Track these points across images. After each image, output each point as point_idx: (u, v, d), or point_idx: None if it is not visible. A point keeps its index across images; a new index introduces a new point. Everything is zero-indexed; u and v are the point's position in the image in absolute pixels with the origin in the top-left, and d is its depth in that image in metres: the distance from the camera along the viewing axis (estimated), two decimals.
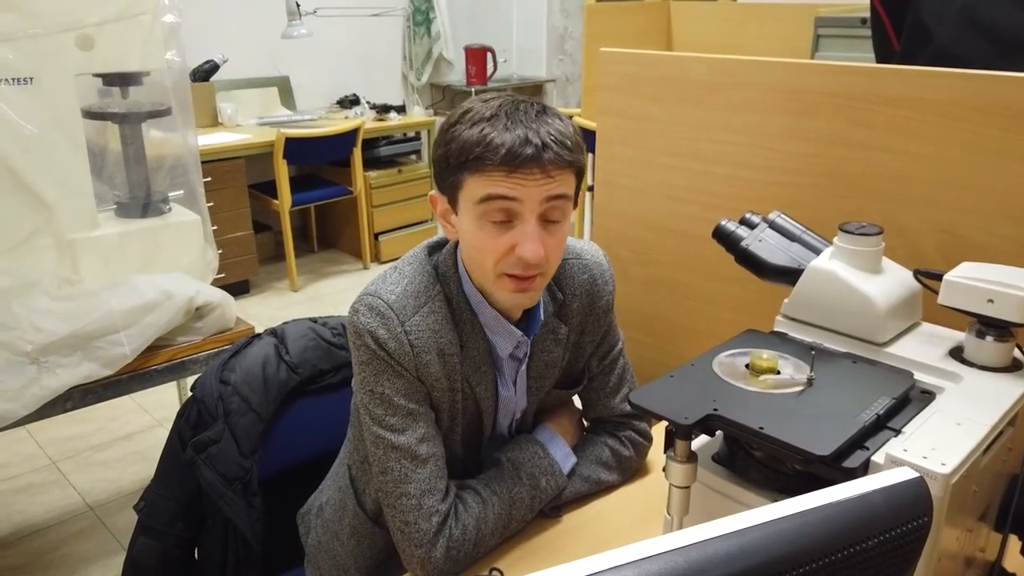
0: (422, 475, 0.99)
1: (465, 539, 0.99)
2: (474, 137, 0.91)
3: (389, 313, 0.98)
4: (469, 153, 0.91)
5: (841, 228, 0.95)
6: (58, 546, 2.19)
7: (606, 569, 0.40)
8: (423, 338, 0.99)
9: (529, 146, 0.89)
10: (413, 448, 0.99)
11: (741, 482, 0.83)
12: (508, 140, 0.89)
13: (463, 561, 1.00)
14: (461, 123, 0.93)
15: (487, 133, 0.90)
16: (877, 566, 0.48)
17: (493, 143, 0.89)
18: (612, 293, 1.16)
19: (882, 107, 1.18)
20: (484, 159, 0.90)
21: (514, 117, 0.91)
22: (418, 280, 1.02)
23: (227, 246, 3.62)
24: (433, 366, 1.00)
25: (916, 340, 0.95)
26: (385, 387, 0.99)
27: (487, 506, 1.02)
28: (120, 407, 2.83)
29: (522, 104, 0.93)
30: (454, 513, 1.00)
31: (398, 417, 0.99)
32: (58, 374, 1.67)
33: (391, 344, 0.97)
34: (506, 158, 0.89)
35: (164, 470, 1.26)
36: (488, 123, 0.91)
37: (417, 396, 1.00)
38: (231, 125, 4.10)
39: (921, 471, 0.62)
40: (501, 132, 0.90)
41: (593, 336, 1.15)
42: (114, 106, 2.02)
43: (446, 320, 1.02)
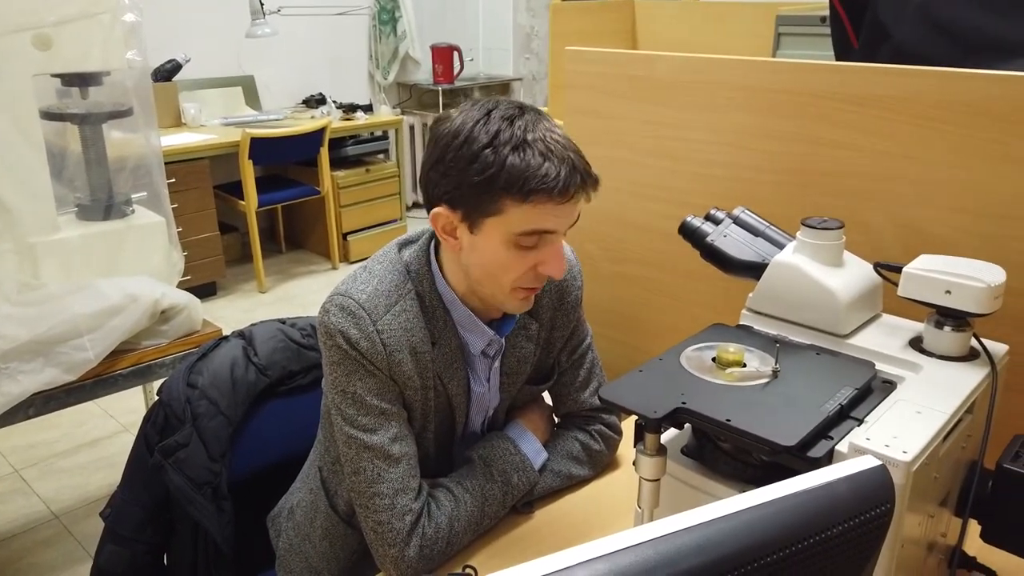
0: (395, 474, 0.99)
1: (438, 538, 1.00)
2: (526, 168, 0.89)
3: (361, 313, 0.98)
4: (524, 184, 0.89)
5: (803, 223, 0.97)
6: (23, 555, 2.15)
7: (578, 563, 0.41)
8: (395, 337, 0.99)
9: (577, 175, 0.91)
10: (386, 447, 0.99)
11: (710, 474, 0.85)
12: (563, 172, 0.90)
13: (436, 559, 1.00)
14: (498, 146, 0.90)
15: (540, 164, 0.89)
16: (842, 553, 0.50)
17: (549, 175, 0.89)
18: (580, 288, 1.17)
19: (842, 104, 1.21)
20: (540, 191, 0.89)
21: (548, 140, 0.91)
22: (389, 279, 1.02)
23: (193, 248, 3.57)
24: (406, 364, 1.00)
25: (877, 331, 0.97)
26: (357, 387, 0.99)
27: (460, 504, 1.02)
28: (85, 413, 2.78)
29: (541, 122, 0.93)
30: (427, 512, 1.00)
31: (371, 417, 0.99)
32: (19, 380, 1.63)
33: (363, 344, 0.97)
34: (562, 190, 0.90)
35: (131, 476, 1.24)
36: (531, 149, 0.90)
37: (390, 395, 1.00)
38: (195, 125, 4.04)
39: (883, 459, 0.63)
40: (551, 161, 0.90)
41: (563, 332, 1.16)
42: (74, 107, 1.98)
43: (417, 318, 1.02)
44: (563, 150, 0.91)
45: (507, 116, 0.92)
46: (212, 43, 4.30)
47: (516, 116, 0.92)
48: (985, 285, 0.86)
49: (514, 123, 0.91)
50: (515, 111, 0.93)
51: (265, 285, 4.07)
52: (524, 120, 0.92)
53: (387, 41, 5.11)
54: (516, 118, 0.92)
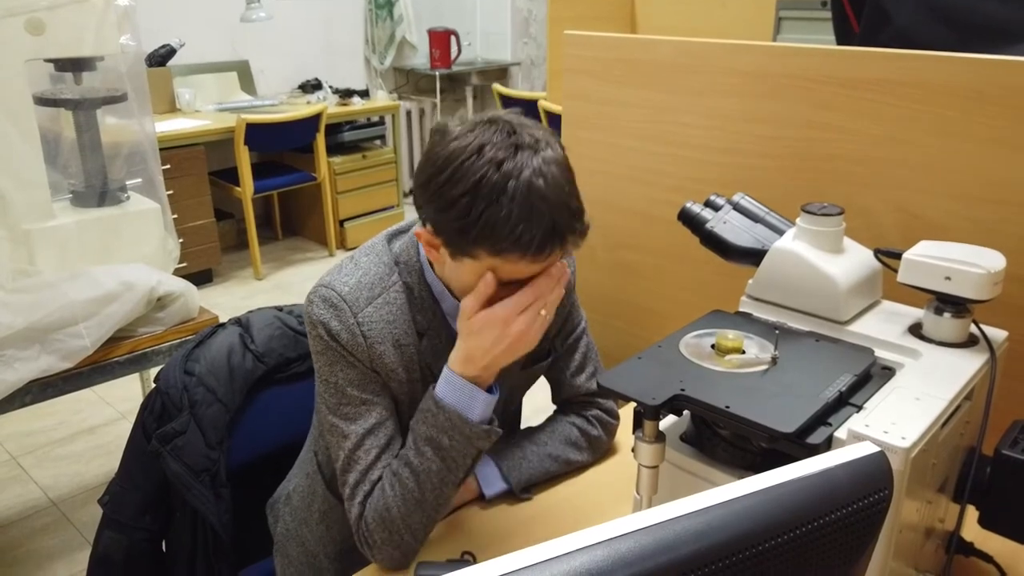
0: (362, 464, 0.99)
1: (381, 527, 0.97)
2: (502, 224, 0.85)
3: (342, 305, 0.98)
4: (496, 242, 0.86)
5: (803, 209, 0.96)
6: (22, 543, 2.15)
7: (577, 549, 0.41)
8: (376, 329, 0.98)
9: (555, 237, 0.86)
10: (361, 438, 0.99)
11: (708, 460, 0.85)
12: (539, 235, 0.85)
13: (397, 547, 0.98)
14: (477, 197, 0.85)
15: (515, 224, 0.84)
16: (841, 539, 0.49)
17: (522, 238, 0.85)
18: (574, 274, 1.17)
19: (843, 89, 1.20)
20: (511, 251, 0.86)
21: (534, 191, 0.85)
22: (374, 271, 1.01)
23: (188, 235, 3.56)
24: (388, 357, 0.99)
25: (876, 318, 0.97)
26: (339, 377, 0.99)
27: (393, 488, 0.98)
28: (82, 400, 2.78)
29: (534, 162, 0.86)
30: (369, 502, 0.99)
31: (351, 406, 1.00)
32: (16, 368, 1.63)
33: (344, 336, 0.97)
34: (535, 253, 0.86)
35: (129, 463, 1.24)
36: (510, 204, 0.84)
37: (371, 387, 1.00)
38: (189, 111, 4.01)
39: (882, 445, 0.63)
40: (528, 221, 0.84)
41: (556, 318, 1.15)
42: (67, 92, 1.97)
43: (402, 310, 1.01)
44: (546, 205, 0.85)
45: (497, 159, 0.85)
46: (206, 28, 4.26)
47: (508, 158, 0.85)
48: (985, 271, 0.85)
49: (502, 167, 0.85)
50: (510, 150, 0.86)
51: (261, 272, 4.07)
52: (516, 162, 0.85)
53: (383, 25, 5.07)
54: (507, 160, 0.85)
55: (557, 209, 0.86)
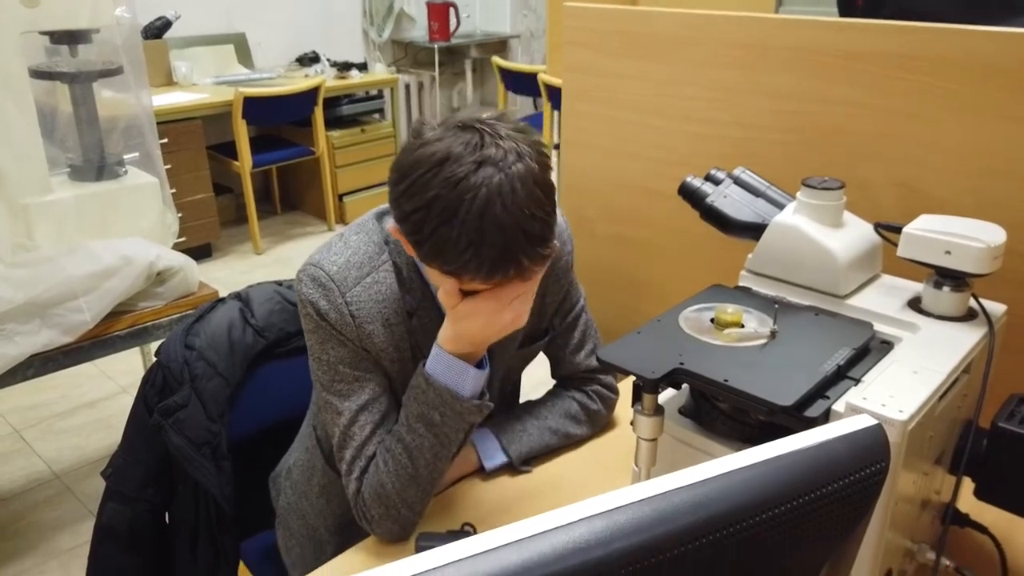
0: (358, 440, 1.00)
1: (378, 503, 0.98)
2: (451, 248, 0.82)
3: (330, 284, 0.97)
4: (446, 262, 0.85)
5: (804, 183, 0.96)
6: (25, 514, 2.17)
7: (576, 520, 0.41)
8: (365, 309, 0.98)
9: (508, 262, 0.83)
10: (355, 414, 1.00)
11: (707, 433, 0.85)
12: (488, 259, 0.82)
13: (395, 522, 0.99)
14: (430, 215, 0.82)
15: (463, 250, 0.82)
16: (838, 510, 0.50)
17: (471, 264, 0.83)
18: (571, 252, 1.16)
19: (845, 61, 1.19)
20: (463, 273, 0.85)
21: (490, 214, 0.80)
22: (363, 250, 1.00)
23: (187, 209, 3.54)
24: (377, 336, 0.99)
25: (876, 292, 0.97)
26: (330, 355, 0.99)
27: (387, 465, 0.98)
28: (83, 374, 2.79)
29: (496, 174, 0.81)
30: (365, 478, 1.00)
31: (344, 383, 1.00)
32: (17, 342, 1.63)
33: (332, 315, 0.97)
34: (487, 276, 0.84)
35: (131, 436, 1.25)
36: (462, 224, 0.81)
37: (363, 364, 1.00)
38: (186, 84, 3.98)
39: (879, 418, 0.63)
40: (479, 244, 0.81)
41: (555, 296, 1.15)
42: (63, 65, 1.95)
43: (392, 289, 1.00)
44: (498, 230, 0.81)
45: (455, 177, 0.81)
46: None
47: (468, 175, 0.81)
48: (985, 245, 0.85)
49: (458, 186, 0.81)
50: (472, 166, 0.81)
51: (261, 247, 4.06)
52: (474, 181, 0.81)
53: None
54: (466, 178, 0.81)
55: (511, 234, 0.82)
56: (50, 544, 2.06)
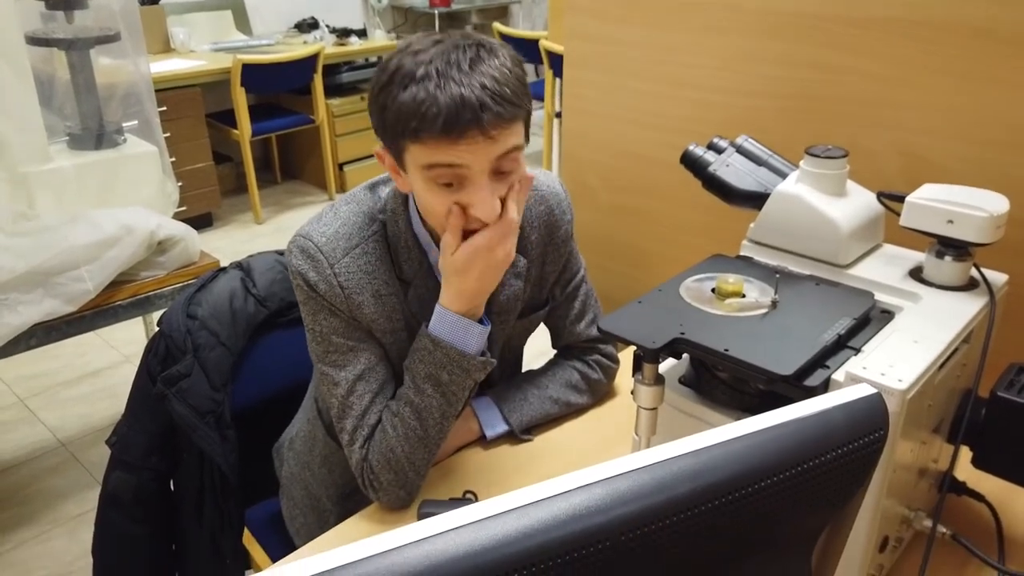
0: (357, 409, 1.01)
1: (387, 467, 0.99)
2: (408, 105, 0.84)
3: (319, 256, 0.97)
4: (406, 124, 0.85)
5: (807, 152, 0.95)
6: (31, 482, 2.20)
7: (577, 487, 0.41)
8: (354, 280, 0.98)
9: (467, 110, 0.83)
10: (351, 384, 1.00)
11: (707, 403, 0.86)
12: (444, 107, 0.83)
13: (402, 486, 1.00)
14: (393, 84, 0.86)
15: (421, 100, 0.83)
16: (836, 478, 0.50)
17: (429, 114, 0.83)
18: (571, 222, 1.15)
19: (850, 28, 1.17)
20: (421, 131, 0.84)
21: (447, 74, 0.83)
22: (352, 221, 1.00)
23: (187, 178, 3.53)
24: (367, 307, 0.99)
25: (877, 261, 0.97)
26: (323, 326, 1.00)
27: (396, 429, 0.99)
28: (87, 344, 2.80)
29: (455, 52, 0.85)
30: (371, 445, 1.00)
31: (338, 354, 1.00)
32: (20, 311, 1.64)
33: (322, 286, 0.98)
34: (444, 128, 0.83)
35: (135, 405, 1.26)
36: (420, 85, 0.83)
37: (356, 334, 1.01)
38: (184, 51, 3.94)
39: (879, 387, 0.64)
40: (435, 97, 0.83)
41: (555, 266, 1.15)
42: (59, 32, 1.93)
43: (382, 260, 1.00)
44: (453, 81, 0.83)
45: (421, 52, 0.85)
46: None
47: (436, 54, 0.85)
48: (987, 214, 0.85)
49: (418, 55, 0.85)
50: (441, 45, 0.85)
51: (261, 216, 4.05)
52: (435, 52, 0.85)
53: None
54: (428, 50, 0.85)
55: (469, 85, 0.83)
56: (56, 511, 2.09)
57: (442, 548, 0.38)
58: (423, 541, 0.38)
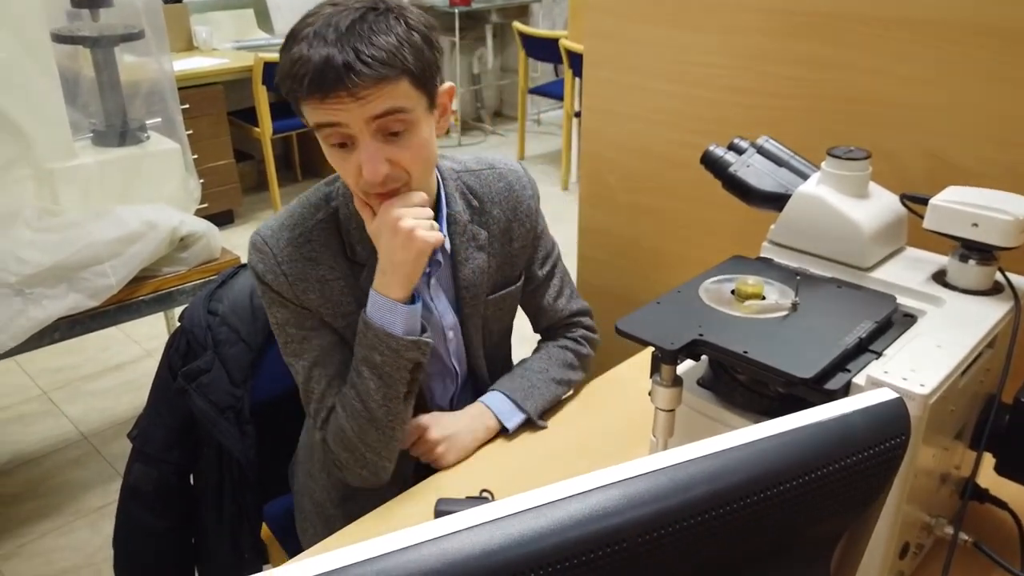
0: (316, 395, 1.06)
1: (343, 449, 1.03)
2: (286, 66, 0.88)
3: (265, 248, 1.01)
4: (286, 85, 0.89)
5: (829, 153, 0.94)
6: (55, 474, 2.23)
7: (593, 488, 0.41)
8: (298, 268, 1.01)
9: (330, 70, 0.84)
10: (308, 370, 1.05)
11: (725, 405, 0.85)
12: (312, 67, 0.85)
13: (366, 467, 1.04)
14: (285, 46, 0.90)
15: (295, 60, 0.86)
16: (855, 483, 0.50)
17: (299, 74, 0.86)
18: (533, 197, 1.17)
19: (872, 28, 1.16)
20: (295, 89, 0.87)
21: (322, 34, 0.86)
22: (299, 212, 1.03)
23: (209, 175, 3.56)
24: (312, 293, 1.02)
25: (900, 265, 0.96)
26: (277, 317, 1.04)
27: (344, 411, 1.03)
28: (109, 338, 2.84)
29: (341, 15, 0.87)
30: (327, 427, 1.05)
31: (295, 343, 1.05)
32: (44, 305, 1.66)
33: (268, 277, 1.01)
34: (311, 87, 0.86)
35: (156, 399, 1.27)
36: (299, 46, 0.87)
37: (307, 323, 1.04)
38: (207, 49, 3.97)
39: (900, 392, 0.63)
40: (308, 58, 0.85)
41: (523, 242, 1.16)
42: (85, 29, 1.95)
43: (326, 246, 1.02)
44: (324, 42, 0.85)
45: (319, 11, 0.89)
46: None
47: (327, 14, 0.88)
48: (1013, 218, 0.84)
49: (308, 18, 0.88)
50: (339, 11, 0.88)
51: None
52: (328, 15, 0.87)
53: None
54: (326, 16, 0.87)
55: (339, 45, 0.85)
56: (79, 503, 2.12)
57: (458, 546, 0.38)
58: (440, 539, 0.38)
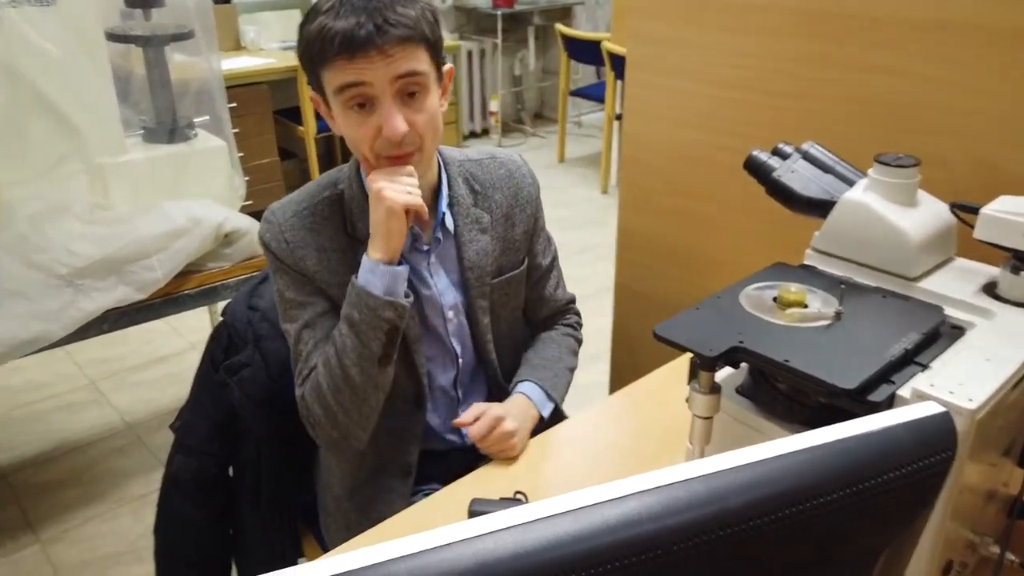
0: (303, 355, 1.11)
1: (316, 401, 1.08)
2: (314, 33, 0.96)
3: (273, 219, 1.10)
4: (313, 48, 0.96)
5: (877, 159, 0.92)
6: (99, 462, 2.29)
7: (629, 494, 0.41)
8: (299, 236, 1.09)
9: (361, 29, 0.93)
10: (298, 332, 1.11)
11: (764, 414, 0.84)
12: (341, 28, 0.93)
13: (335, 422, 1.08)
14: (305, 21, 0.98)
15: (324, 25, 0.95)
16: (898, 498, 0.49)
17: (329, 34, 0.94)
18: (533, 186, 1.23)
19: (923, 32, 1.13)
20: (324, 51, 0.95)
21: (349, 4, 0.95)
22: (308, 191, 1.12)
23: (253, 173, 3.61)
24: (310, 260, 1.09)
25: (949, 275, 0.93)
26: (279, 285, 1.11)
27: (325, 368, 1.07)
28: (154, 331, 2.90)
29: None
30: (307, 384, 1.10)
31: (291, 309, 1.11)
32: (93, 297, 1.70)
33: (273, 244, 1.09)
34: (342, 46, 0.94)
35: (198, 391, 1.30)
36: (325, 15, 0.95)
37: (305, 289, 1.10)
38: (254, 49, 4.04)
39: (947, 406, 0.61)
40: (335, 21, 0.94)
41: (525, 227, 1.22)
42: (137, 28, 2.00)
43: (329, 221, 1.10)
44: (369, 7, 0.94)
45: None
46: None
47: None
48: None
49: None
50: None
51: None
52: None
53: None
54: None
55: (366, 10, 0.94)
56: (122, 491, 2.17)
57: (492, 547, 0.38)
58: (474, 539, 0.38)
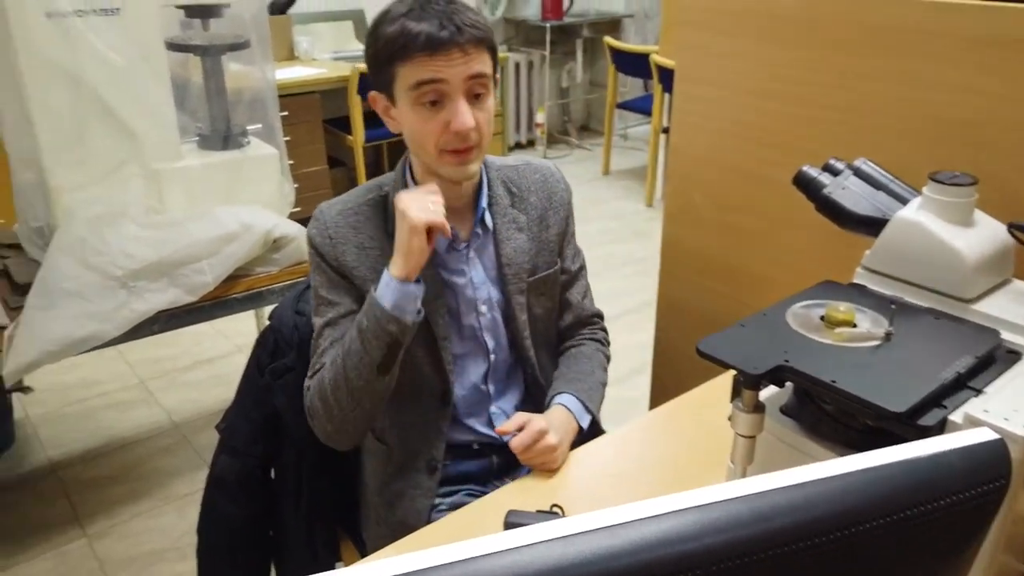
0: (320, 350, 1.14)
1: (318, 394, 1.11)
2: (396, 32, 1.02)
3: (320, 216, 1.17)
4: (393, 46, 1.02)
5: (931, 177, 0.90)
6: (146, 460, 2.34)
7: (669, 512, 0.41)
8: (341, 232, 1.15)
9: (444, 30, 1.01)
10: (321, 328, 1.15)
11: (809, 435, 0.82)
12: (425, 27, 1.01)
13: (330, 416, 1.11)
14: (382, 23, 1.04)
15: (406, 26, 1.02)
16: (948, 527, 0.47)
17: (412, 31, 1.01)
18: (566, 191, 1.28)
19: (980, 47, 1.10)
20: (408, 48, 1.01)
21: (427, 8, 1.03)
22: (355, 193, 1.19)
23: (302, 180, 3.67)
24: (350, 255, 1.14)
25: (1005, 297, 0.90)
26: (315, 282, 1.16)
27: (332, 365, 1.11)
28: (202, 333, 2.97)
29: None
30: (315, 378, 1.13)
31: (322, 306, 1.16)
32: (146, 298, 1.75)
33: (317, 239, 1.15)
34: (426, 44, 1.00)
35: (243, 394, 1.32)
36: (405, 17, 1.02)
37: (337, 289, 1.15)
38: (307, 59, 4.12)
39: (1002, 433, 0.59)
40: (418, 22, 1.01)
41: (558, 229, 1.25)
42: (196, 38, 2.06)
43: (371, 221, 1.16)
44: (446, 12, 1.02)
45: None
46: None
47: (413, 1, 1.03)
48: None
49: (402, 2, 1.04)
50: None
51: None
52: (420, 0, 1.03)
53: None
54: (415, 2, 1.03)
55: (446, 13, 1.02)
56: (168, 489, 2.22)
57: (528, 560, 0.38)
58: (511, 551, 0.38)
